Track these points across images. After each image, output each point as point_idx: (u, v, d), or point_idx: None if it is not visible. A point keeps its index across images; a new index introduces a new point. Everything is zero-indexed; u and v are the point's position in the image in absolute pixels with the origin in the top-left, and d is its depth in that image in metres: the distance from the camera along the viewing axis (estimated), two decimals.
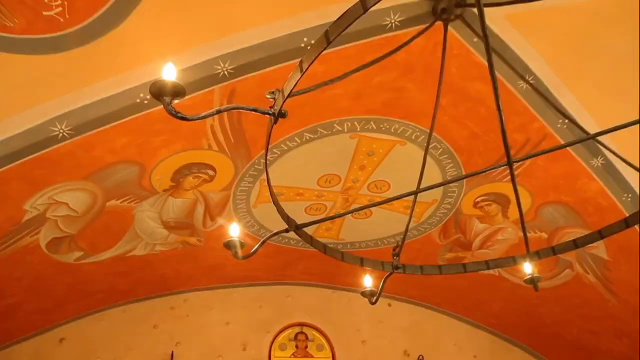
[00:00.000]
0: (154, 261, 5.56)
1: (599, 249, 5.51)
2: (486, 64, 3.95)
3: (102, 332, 6.04)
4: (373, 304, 3.84)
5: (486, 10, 3.71)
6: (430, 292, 7.08)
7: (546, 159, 4.71)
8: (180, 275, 6.05)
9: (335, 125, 4.36)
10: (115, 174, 4.12)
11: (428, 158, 4.79)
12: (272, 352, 6.44)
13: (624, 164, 4.71)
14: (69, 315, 5.98)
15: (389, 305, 7.20)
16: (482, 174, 4.93)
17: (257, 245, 2.92)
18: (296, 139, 4.43)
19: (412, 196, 5.32)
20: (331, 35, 1.68)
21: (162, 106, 3.71)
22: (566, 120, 4.35)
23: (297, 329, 6.68)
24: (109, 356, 5.97)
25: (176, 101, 1.82)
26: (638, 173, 4.75)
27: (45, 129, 3.48)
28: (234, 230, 2.98)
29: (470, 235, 5.82)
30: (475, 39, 3.75)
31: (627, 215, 5.12)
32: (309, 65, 1.87)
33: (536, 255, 3.29)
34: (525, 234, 3.19)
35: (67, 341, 5.93)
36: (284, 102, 2.11)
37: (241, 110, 3.92)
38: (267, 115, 2.15)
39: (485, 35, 1.99)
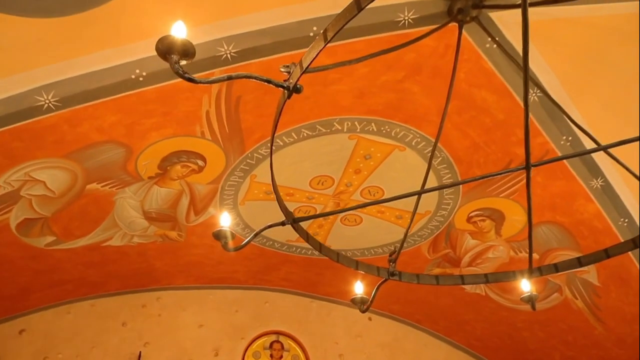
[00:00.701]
0: (130, 254, 5.27)
1: (590, 273, 5.43)
2: (496, 71, 3.87)
3: (66, 325, 5.68)
4: (363, 311, 3.64)
5: (502, 15, 3.62)
6: (412, 309, 6.91)
7: (546, 176, 4.63)
8: (156, 271, 5.75)
9: (335, 123, 4.21)
10: (99, 154, 3.87)
11: (424, 164, 4.69)
12: None
13: (622, 187, 4.68)
14: (32, 305, 5.61)
15: (370, 319, 6.99)
16: (481, 185, 4.82)
17: (250, 237, 2.72)
18: (293, 134, 4.25)
19: (405, 204, 5.20)
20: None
21: (157, 85, 3.48)
22: (569, 138, 4.28)
23: (273, 337, 6.42)
24: (71, 352, 5.61)
25: (184, 62, 1.66)
26: (638, 201, 4.72)
27: (30, 97, 3.23)
28: (225, 220, 2.77)
29: (460, 251, 5.69)
30: (488, 45, 3.66)
31: (622, 240, 5.05)
32: (334, 35, 1.72)
33: (538, 271, 3.16)
34: (530, 247, 3.06)
35: (28, 333, 5.55)
36: (301, 75, 1.94)
37: (242, 96, 3.74)
38: (281, 89, 1.99)
39: (525, 22, 1.81)
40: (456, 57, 3.26)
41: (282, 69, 2.05)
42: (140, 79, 3.33)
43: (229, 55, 3.37)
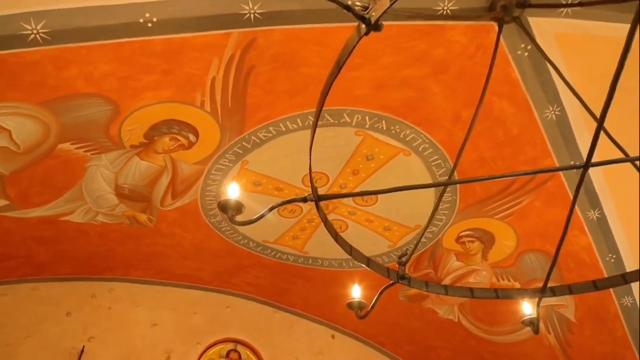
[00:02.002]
0: (89, 234, 4.70)
1: (568, 308, 5.34)
2: (521, 81, 3.72)
3: (0, 309, 4.98)
4: (361, 317, 3.32)
5: (540, 22, 3.49)
6: (378, 329, 6.60)
7: (545, 201, 4.51)
8: (115, 258, 5.18)
9: (344, 115, 3.92)
10: (81, 109, 3.39)
11: (427, 174, 4.48)
12: None
13: (616, 221, 4.63)
14: None
15: (332, 337, 6.63)
16: (478, 203, 4.64)
17: (264, 211, 2.32)
18: (298, 121, 3.93)
19: (397, 215, 4.96)
20: None
21: (166, 36, 3.06)
22: (577, 163, 4.18)
23: (230, 346, 5.92)
24: (1, 340, 4.89)
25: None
26: (628, 238, 4.68)
27: (15, 23, 2.75)
28: (233, 191, 2.38)
29: (442, 273, 5.47)
30: (519, 51, 3.51)
31: (606, 276, 4.96)
32: None
33: (551, 291, 2.95)
34: (554, 262, 2.85)
35: None
36: (389, 7, 1.64)
37: (256, 67, 3.37)
38: (359, 22, 1.68)
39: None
40: (493, 59, 3.07)
41: (358, 3, 1.75)
42: (149, 24, 2.92)
43: (252, 16, 3.04)
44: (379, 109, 3.90)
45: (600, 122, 1.98)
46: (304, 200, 2.34)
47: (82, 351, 5.00)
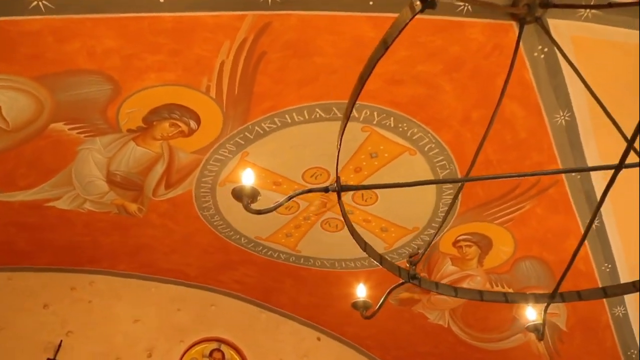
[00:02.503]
0: (75, 222, 4.46)
1: (560, 317, 5.32)
2: (535, 84, 3.67)
3: None
4: (366, 317, 3.20)
5: (559, 25, 3.43)
6: (366, 333, 6.48)
7: (546, 208, 4.48)
8: (99, 249, 4.93)
9: (353, 109, 3.79)
10: (80, 86, 3.19)
11: (430, 175, 4.39)
12: None
13: (614, 231, 4.62)
14: None
15: (318, 339, 6.48)
16: (479, 207, 4.58)
17: (285, 198, 2.16)
18: (305, 113, 3.79)
19: (395, 216, 4.86)
20: None
21: (177, 14, 2.89)
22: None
23: (214, 345, 5.72)
24: None
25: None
26: (624, 248, 4.69)
27: None
28: (248, 178, 2.23)
29: (436, 277, 5.39)
30: (536, 53, 3.46)
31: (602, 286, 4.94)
32: None
33: (560, 297, 2.89)
34: (570, 264, 2.78)
35: None
36: None
37: (267, 53, 3.23)
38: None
39: None
40: (513, 60, 3.01)
41: None
42: (161, 0, 2.75)
43: None
44: (388, 104, 3.80)
45: None
46: (326, 190, 2.20)
47: (60, 346, 4.74)
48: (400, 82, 3.63)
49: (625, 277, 4.74)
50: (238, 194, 2.09)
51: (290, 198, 2.18)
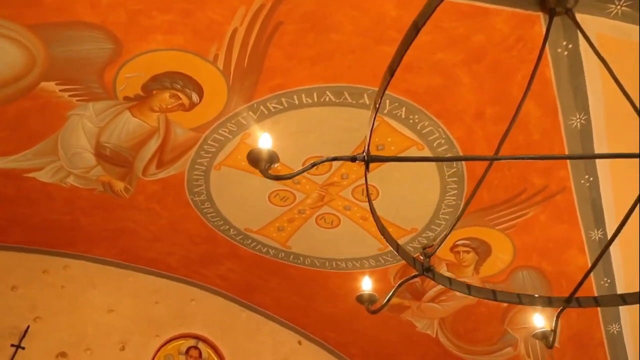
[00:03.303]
0: (55, 197, 4.14)
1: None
2: (554, 82, 3.55)
3: None
4: (373, 312, 2.98)
5: (586, 20, 3.33)
6: (350, 339, 6.25)
7: (551, 216, 4.35)
8: (78, 230, 4.61)
9: (365, 96, 3.62)
10: (78, 42, 2.92)
11: (436, 173, 4.23)
12: None
13: (616, 244, 4.52)
14: None
15: (299, 343, 6.22)
16: (482, 211, 4.43)
17: (305, 167, 1.95)
18: (315, 95, 3.59)
19: (395, 216, 4.67)
20: None
21: None
22: (591, 178, 4.06)
23: (191, 342, 5.40)
24: None
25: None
26: (624, 263, 4.60)
27: None
28: (266, 141, 2.01)
29: (428, 284, 5.22)
30: (560, 49, 3.34)
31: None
32: None
33: (577, 302, 2.72)
34: (593, 265, 2.62)
35: None
36: None
37: (284, 24, 3.03)
38: None
39: None
40: (541, 52, 2.85)
41: None
42: None
43: None
44: (402, 93, 3.63)
45: None
46: (353, 159, 1.99)
47: (26, 332, 4.37)
48: (418, 70, 3.47)
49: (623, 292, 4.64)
50: (255, 158, 1.88)
51: (313, 165, 1.96)
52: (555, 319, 2.86)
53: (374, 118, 1.82)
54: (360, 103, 3.67)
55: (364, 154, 2.00)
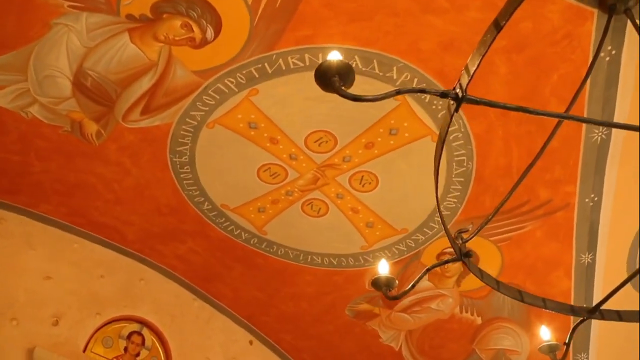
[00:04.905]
0: (9, 130, 3.48)
1: (520, 356, 5.03)
2: (589, 88, 3.41)
3: None
4: (391, 298, 2.62)
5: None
6: (304, 344, 5.79)
7: (546, 234, 4.22)
8: (26, 176, 3.91)
9: (395, 69, 3.31)
10: None
11: (444, 170, 3.98)
12: (89, 343, 4.38)
13: (602, 269, 4.44)
14: None
15: (250, 343, 5.69)
16: (479, 220, 4.21)
17: (394, 91, 1.59)
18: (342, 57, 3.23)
19: (387, 213, 4.36)
20: None
21: None
22: (595, 198, 3.97)
23: (135, 327, 4.75)
24: None
25: None
26: (606, 289, 4.53)
27: None
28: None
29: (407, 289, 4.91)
30: (603, 54, 3.21)
31: (572, 326, 4.74)
32: None
33: (600, 314, 2.51)
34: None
35: None
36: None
37: None
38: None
39: None
40: (595, 57, 2.67)
41: None
42: None
43: None
44: (434, 74, 3.36)
45: None
46: (445, 95, 1.64)
47: None
48: (457, 50, 3.22)
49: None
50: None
51: (399, 92, 1.59)
52: (570, 331, 2.62)
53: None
54: (387, 77, 3.35)
55: (458, 90, 1.64)
